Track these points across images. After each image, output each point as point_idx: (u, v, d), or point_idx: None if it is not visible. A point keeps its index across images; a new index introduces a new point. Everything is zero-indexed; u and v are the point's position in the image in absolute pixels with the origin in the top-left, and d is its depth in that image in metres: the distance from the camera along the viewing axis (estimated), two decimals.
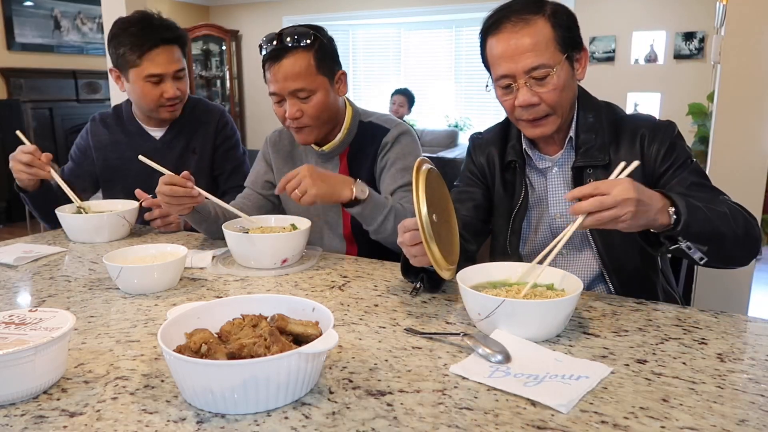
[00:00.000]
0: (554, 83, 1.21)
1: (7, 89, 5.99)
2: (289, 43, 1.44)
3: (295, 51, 1.44)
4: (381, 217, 1.37)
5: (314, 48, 1.46)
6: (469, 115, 7.27)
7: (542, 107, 1.23)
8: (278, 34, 1.45)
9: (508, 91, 1.25)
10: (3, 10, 5.96)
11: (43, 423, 0.72)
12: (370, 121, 1.61)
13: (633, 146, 1.27)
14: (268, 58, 1.47)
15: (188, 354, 0.74)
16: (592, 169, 1.28)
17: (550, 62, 1.20)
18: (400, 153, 1.55)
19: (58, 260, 1.45)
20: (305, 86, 1.45)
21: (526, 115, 1.25)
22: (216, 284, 1.25)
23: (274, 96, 1.50)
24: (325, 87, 1.49)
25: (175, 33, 1.78)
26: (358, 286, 1.23)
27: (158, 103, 1.80)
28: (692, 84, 5.53)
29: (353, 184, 1.35)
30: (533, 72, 1.20)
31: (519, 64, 1.20)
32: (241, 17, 8.03)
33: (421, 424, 0.70)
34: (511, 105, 1.26)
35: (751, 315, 1.09)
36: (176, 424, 0.71)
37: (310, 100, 1.47)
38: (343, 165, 1.61)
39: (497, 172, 1.41)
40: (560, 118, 1.27)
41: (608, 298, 1.14)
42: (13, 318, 0.83)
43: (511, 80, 1.23)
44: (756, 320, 1.04)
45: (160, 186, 1.42)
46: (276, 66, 1.45)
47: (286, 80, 1.45)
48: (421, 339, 0.95)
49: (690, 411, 0.73)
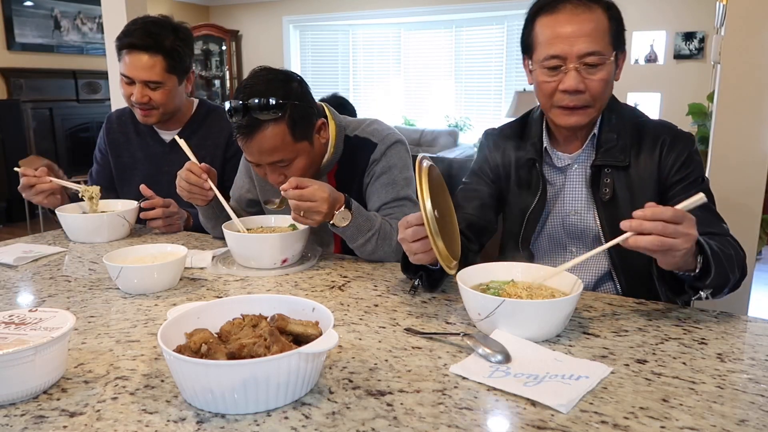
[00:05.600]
0: (603, 74, 1.20)
1: (7, 89, 6.00)
2: (257, 116, 1.30)
3: (266, 125, 1.32)
4: (362, 239, 1.34)
5: (287, 116, 1.33)
6: (469, 115, 7.27)
7: (585, 96, 1.21)
8: (243, 105, 1.30)
9: (554, 73, 1.21)
10: (3, 10, 5.96)
11: (43, 423, 0.72)
12: (356, 135, 1.53)
13: (653, 152, 1.26)
14: (239, 133, 1.35)
15: (188, 354, 0.74)
16: (610, 169, 1.27)
17: (605, 52, 1.19)
18: (386, 167, 1.49)
19: (58, 260, 1.45)
20: (283, 157, 1.37)
21: (566, 101, 1.22)
22: (216, 284, 1.25)
23: (252, 163, 1.43)
24: (305, 149, 1.40)
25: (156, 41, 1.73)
26: (358, 286, 1.23)
27: (130, 103, 1.81)
28: (692, 84, 5.53)
29: (338, 208, 1.31)
30: (587, 57, 1.18)
31: (575, 47, 1.18)
32: (241, 17, 8.03)
33: (421, 424, 0.70)
34: (552, 89, 1.23)
35: (751, 315, 1.09)
36: (176, 424, 0.71)
37: (292, 166, 1.39)
38: (331, 184, 1.52)
39: (512, 170, 1.39)
40: (596, 113, 1.26)
41: (608, 298, 1.14)
42: (13, 318, 0.83)
43: (561, 62, 1.20)
44: (756, 320, 1.04)
45: (182, 170, 1.47)
46: (248, 142, 1.34)
47: (261, 155, 1.36)
48: (421, 339, 0.95)
49: (690, 411, 0.73)
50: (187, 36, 1.83)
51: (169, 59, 1.76)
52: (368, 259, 1.39)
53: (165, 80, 1.77)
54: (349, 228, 1.33)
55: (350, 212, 1.32)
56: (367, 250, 1.36)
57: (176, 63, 1.78)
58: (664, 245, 0.92)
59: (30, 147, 6.08)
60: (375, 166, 1.50)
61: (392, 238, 1.37)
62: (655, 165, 1.26)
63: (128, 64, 1.75)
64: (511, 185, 1.40)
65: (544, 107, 1.30)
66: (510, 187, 1.40)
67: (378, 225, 1.36)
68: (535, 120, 1.39)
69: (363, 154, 1.51)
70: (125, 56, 1.75)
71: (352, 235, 1.34)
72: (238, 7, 8.02)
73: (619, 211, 1.25)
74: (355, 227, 1.33)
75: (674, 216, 0.93)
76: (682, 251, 0.94)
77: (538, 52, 1.24)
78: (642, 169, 1.26)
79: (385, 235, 1.37)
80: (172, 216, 1.70)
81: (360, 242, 1.35)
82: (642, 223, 0.93)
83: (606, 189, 1.27)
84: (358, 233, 1.34)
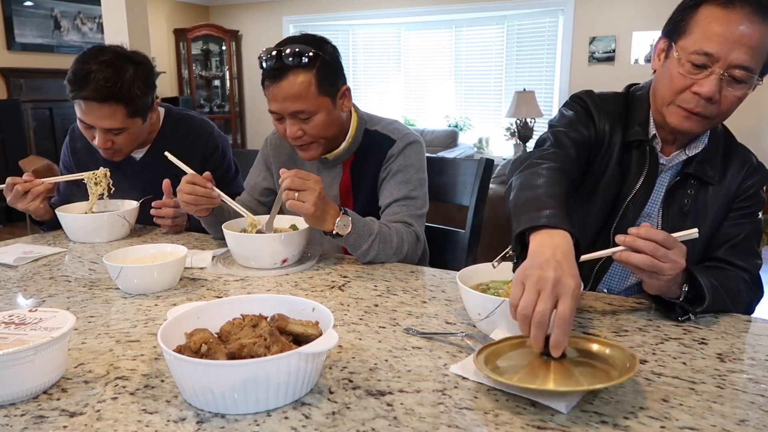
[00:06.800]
0: (741, 92, 1.08)
1: (7, 89, 6.00)
2: (289, 62, 1.37)
3: (296, 71, 1.38)
4: (365, 245, 1.34)
5: (315, 67, 1.40)
6: (469, 115, 7.27)
7: (714, 108, 1.09)
8: (278, 50, 1.38)
9: (695, 71, 1.08)
10: (3, 10, 5.96)
11: (43, 423, 0.72)
12: (376, 130, 1.57)
13: (739, 174, 1.21)
14: (267, 76, 1.41)
15: (188, 354, 0.74)
16: (695, 180, 1.21)
17: (755, 71, 1.07)
18: (403, 164, 1.51)
19: (58, 260, 1.45)
20: (305, 108, 1.41)
21: (692, 105, 1.10)
22: (216, 284, 1.25)
23: (274, 114, 1.46)
24: (327, 107, 1.44)
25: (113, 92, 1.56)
26: (358, 286, 1.23)
27: (93, 144, 1.69)
28: None
29: (339, 217, 1.31)
30: (736, 70, 1.05)
31: (731, 54, 1.04)
32: (241, 17, 8.03)
33: (421, 424, 0.70)
34: (685, 86, 1.10)
35: (751, 315, 1.09)
36: (176, 424, 0.71)
37: (311, 121, 1.43)
38: (346, 174, 1.58)
39: (616, 149, 1.23)
40: (711, 127, 1.17)
41: (608, 298, 1.14)
42: (13, 318, 0.83)
43: (710, 62, 1.06)
44: (756, 320, 1.04)
45: (182, 184, 1.42)
46: (275, 86, 1.40)
47: (285, 101, 1.40)
48: (421, 339, 0.95)
49: (690, 411, 0.73)
50: (146, 69, 1.67)
51: (129, 106, 1.61)
52: (372, 262, 1.39)
53: (127, 125, 1.64)
54: (352, 235, 1.32)
55: (349, 218, 1.32)
56: (370, 256, 1.36)
57: (137, 108, 1.64)
58: (653, 266, 0.93)
59: (30, 147, 6.08)
60: (392, 163, 1.52)
61: (392, 241, 1.38)
62: (734, 188, 1.21)
63: (85, 112, 1.60)
64: (610, 168, 1.24)
65: (660, 99, 1.16)
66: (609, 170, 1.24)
67: (377, 229, 1.36)
68: (639, 99, 1.25)
69: (381, 149, 1.54)
70: (80, 103, 1.59)
71: (355, 242, 1.34)
72: (238, 7, 8.02)
73: (684, 224, 1.19)
74: (356, 233, 1.33)
75: (666, 240, 0.93)
76: (668, 277, 0.95)
77: (688, 40, 1.09)
78: (723, 188, 1.21)
79: (384, 238, 1.37)
80: (180, 217, 1.68)
81: (363, 248, 1.35)
82: (635, 240, 0.93)
83: (686, 200, 1.22)
84: (360, 239, 1.33)
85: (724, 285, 1.05)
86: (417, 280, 1.27)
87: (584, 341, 0.85)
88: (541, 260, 0.83)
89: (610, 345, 0.83)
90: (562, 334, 0.77)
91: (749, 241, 1.20)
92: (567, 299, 0.79)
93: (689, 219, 1.22)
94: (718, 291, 1.03)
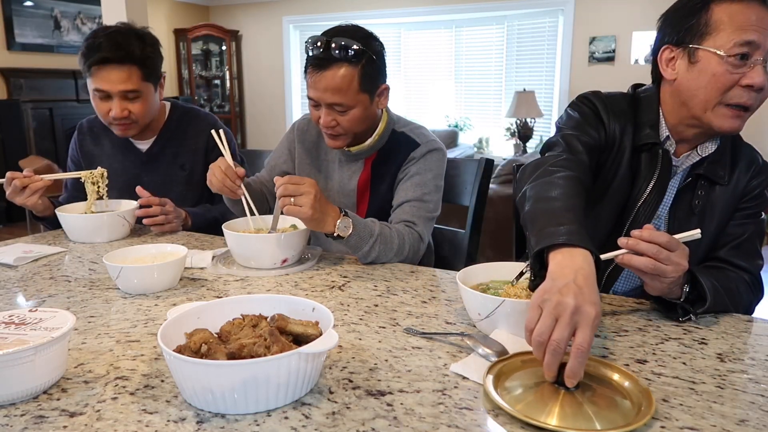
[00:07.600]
0: None
1: (7, 89, 5.99)
2: (336, 54, 1.37)
3: (340, 64, 1.38)
4: (366, 247, 1.34)
5: (361, 63, 1.40)
6: (468, 115, 7.27)
7: (760, 97, 1.07)
8: (326, 40, 1.37)
9: (740, 64, 1.05)
10: (3, 10, 5.96)
11: (43, 423, 0.72)
12: (403, 132, 1.58)
13: (746, 174, 1.21)
14: (311, 63, 1.41)
15: (188, 354, 0.74)
16: (706, 181, 1.20)
17: None
18: (422, 168, 1.52)
19: (58, 260, 1.45)
20: (344, 102, 1.41)
21: (744, 99, 1.07)
22: (216, 284, 1.25)
23: (311, 100, 1.47)
24: (365, 103, 1.45)
25: (128, 52, 1.67)
26: (358, 286, 1.23)
27: (107, 120, 1.74)
28: None
29: (339, 218, 1.31)
30: None
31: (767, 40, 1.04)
32: (241, 17, 8.03)
33: (421, 424, 0.70)
34: (733, 81, 1.06)
35: (752, 315, 1.09)
36: (176, 424, 0.71)
37: (347, 114, 1.44)
38: (366, 169, 1.59)
39: (627, 152, 1.21)
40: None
41: (608, 298, 1.14)
42: (13, 318, 0.83)
43: (752, 51, 1.04)
44: (756, 320, 1.04)
45: (217, 166, 1.44)
46: (318, 75, 1.40)
47: (325, 92, 1.41)
48: (421, 339, 0.95)
49: (690, 411, 0.73)
50: (154, 41, 1.78)
51: (143, 68, 1.71)
52: (374, 263, 1.39)
53: (142, 89, 1.72)
54: (353, 237, 1.32)
55: (350, 220, 1.32)
56: (371, 257, 1.36)
57: (150, 71, 1.73)
58: (656, 269, 0.93)
59: (30, 147, 6.08)
60: (412, 165, 1.53)
61: (393, 242, 1.38)
62: (741, 188, 1.21)
63: (102, 78, 1.67)
64: (621, 170, 1.22)
65: (702, 103, 1.11)
66: (620, 172, 1.22)
67: (378, 230, 1.36)
68: (647, 100, 1.23)
69: (404, 150, 1.55)
70: (97, 71, 1.67)
71: (356, 244, 1.34)
72: (238, 7, 8.02)
73: (692, 225, 1.18)
74: (357, 235, 1.33)
75: (669, 243, 0.93)
76: (670, 279, 0.95)
77: (719, 37, 1.06)
78: (731, 188, 1.21)
79: (385, 239, 1.37)
80: (168, 215, 1.68)
81: (365, 250, 1.35)
82: (638, 242, 0.93)
83: (697, 201, 1.21)
84: (361, 241, 1.33)
85: (724, 286, 1.06)
86: (417, 280, 1.27)
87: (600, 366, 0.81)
88: (561, 284, 0.78)
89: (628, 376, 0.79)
90: (578, 366, 0.73)
91: (752, 242, 1.20)
92: (586, 329, 0.74)
93: (697, 220, 1.21)
94: (719, 292, 1.03)
